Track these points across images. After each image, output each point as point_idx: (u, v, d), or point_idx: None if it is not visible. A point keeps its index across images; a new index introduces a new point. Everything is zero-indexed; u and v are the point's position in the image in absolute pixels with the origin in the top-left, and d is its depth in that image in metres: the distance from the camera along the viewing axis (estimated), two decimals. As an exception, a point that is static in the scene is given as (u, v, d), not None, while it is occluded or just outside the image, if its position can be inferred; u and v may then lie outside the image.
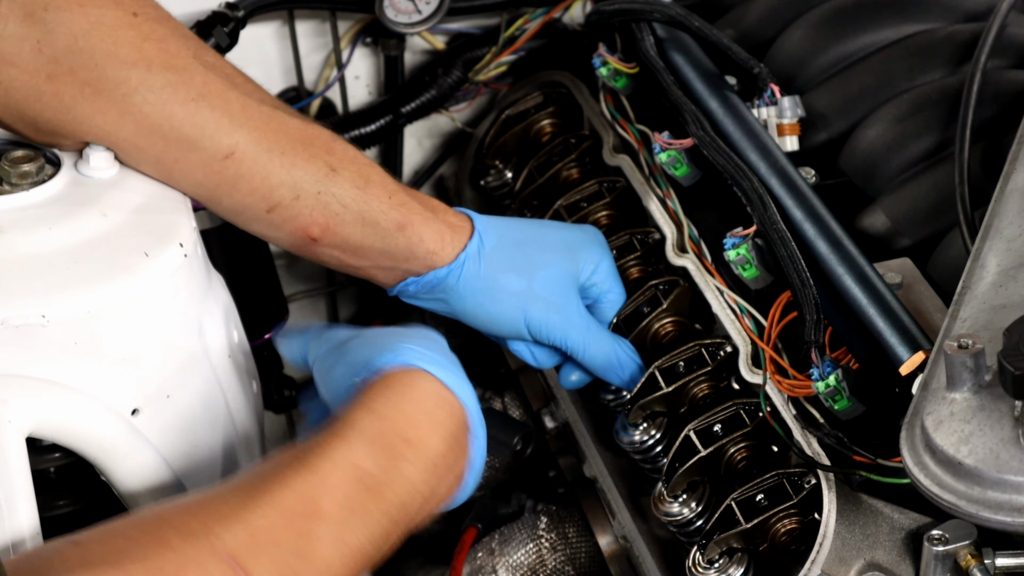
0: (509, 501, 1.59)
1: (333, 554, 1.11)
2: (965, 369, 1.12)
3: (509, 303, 1.45)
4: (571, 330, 1.46)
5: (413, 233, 1.43)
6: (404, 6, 1.82)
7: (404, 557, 1.72)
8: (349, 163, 1.42)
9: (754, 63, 1.57)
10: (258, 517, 1.09)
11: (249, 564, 1.06)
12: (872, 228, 1.47)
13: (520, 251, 1.46)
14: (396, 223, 1.42)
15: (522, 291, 1.45)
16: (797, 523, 1.31)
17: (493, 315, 1.46)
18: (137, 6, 1.36)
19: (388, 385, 1.22)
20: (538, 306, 1.46)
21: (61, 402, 1.25)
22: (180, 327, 1.32)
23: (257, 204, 1.40)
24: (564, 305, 1.47)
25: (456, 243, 1.45)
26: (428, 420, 1.22)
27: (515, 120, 1.80)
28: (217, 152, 1.37)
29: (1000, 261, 1.25)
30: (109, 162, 1.36)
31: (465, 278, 1.45)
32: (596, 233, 1.53)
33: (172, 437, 1.32)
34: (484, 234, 1.46)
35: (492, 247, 1.46)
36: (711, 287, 1.46)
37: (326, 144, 1.42)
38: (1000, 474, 1.08)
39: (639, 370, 1.47)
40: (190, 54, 1.37)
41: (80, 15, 1.33)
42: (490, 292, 1.45)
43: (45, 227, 1.28)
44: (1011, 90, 1.51)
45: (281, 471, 1.13)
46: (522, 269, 1.46)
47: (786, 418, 1.33)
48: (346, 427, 1.18)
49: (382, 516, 1.15)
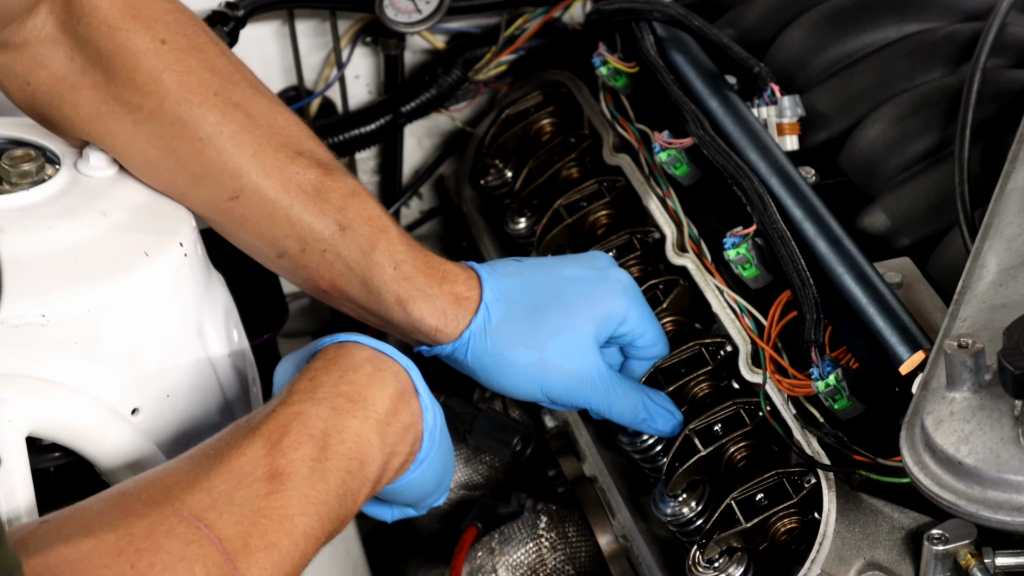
0: (509, 501, 1.59)
1: (294, 509, 1.13)
2: (965, 368, 1.12)
3: (522, 376, 1.39)
4: (592, 394, 1.40)
5: (415, 309, 1.38)
6: (404, 5, 1.82)
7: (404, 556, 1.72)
8: (361, 224, 1.38)
9: (754, 62, 1.57)
10: (217, 482, 1.12)
11: (213, 522, 1.09)
12: (872, 228, 1.47)
13: (531, 321, 1.39)
14: (397, 298, 1.38)
15: (534, 363, 1.39)
16: (797, 522, 1.31)
17: (507, 387, 1.41)
18: (168, 34, 1.35)
19: (324, 356, 1.24)
20: (553, 376, 1.39)
21: (61, 402, 1.25)
22: (180, 327, 1.32)
23: (266, 248, 1.40)
24: (581, 370, 1.39)
25: (461, 320, 1.39)
26: (368, 379, 1.22)
27: (515, 119, 1.79)
28: (223, 192, 1.36)
29: (1000, 260, 1.25)
30: (109, 162, 1.36)
31: (473, 354, 1.40)
32: (622, 280, 1.43)
33: (172, 437, 1.32)
34: (492, 306, 1.39)
35: (500, 319, 1.39)
36: (711, 286, 1.45)
37: (341, 200, 1.38)
38: (1000, 473, 1.09)
39: (671, 418, 1.42)
40: (211, 90, 1.35)
41: (108, 36, 1.33)
42: (500, 368, 1.40)
43: (45, 227, 1.28)
44: (1011, 90, 1.51)
45: (232, 440, 1.16)
46: (532, 341, 1.39)
47: (786, 417, 1.33)
48: (289, 394, 1.20)
49: (339, 471, 1.17)
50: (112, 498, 1.13)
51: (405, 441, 1.24)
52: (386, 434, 1.22)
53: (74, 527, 1.08)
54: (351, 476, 1.18)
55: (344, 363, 1.23)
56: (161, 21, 1.35)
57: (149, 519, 1.08)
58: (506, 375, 1.40)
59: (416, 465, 1.26)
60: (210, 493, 1.11)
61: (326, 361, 1.23)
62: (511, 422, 1.54)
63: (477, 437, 1.59)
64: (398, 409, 1.23)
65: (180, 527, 1.08)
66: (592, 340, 1.40)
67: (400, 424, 1.23)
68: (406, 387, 1.25)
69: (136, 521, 1.08)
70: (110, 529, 1.07)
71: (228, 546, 1.09)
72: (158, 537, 1.07)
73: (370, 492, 1.21)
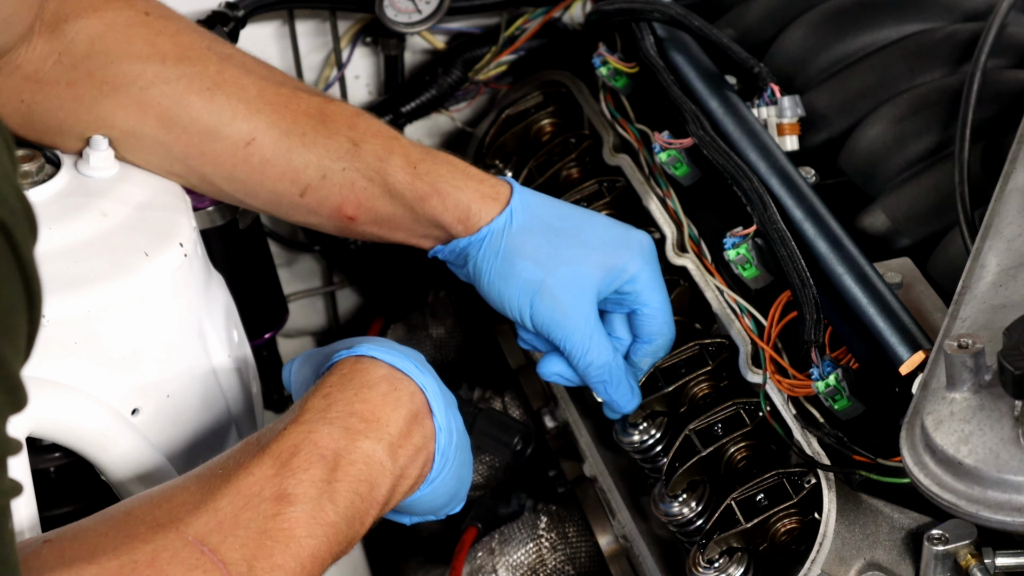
0: (509, 501, 1.59)
1: (302, 532, 1.12)
2: (965, 369, 1.12)
3: (519, 288, 1.41)
4: (571, 333, 1.42)
5: (438, 203, 1.41)
6: (404, 6, 1.82)
7: (404, 557, 1.72)
8: (372, 136, 1.42)
9: (754, 62, 1.58)
10: (223, 504, 1.11)
11: (218, 546, 1.08)
12: (872, 228, 1.47)
13: (547, 240, 1.42)
14: (420, 193, 1.41)
15: (535, 280, 1.41)
16: (797, 523, 1.31)
17: (502, 295, 1.43)
18: (149, 6, 1.39)
19: (340, 371, 1.23)
20: (547, 301, 1.41)
21: (61, 402, 1.25)
22: (180, 327, 1.32)
23: (289, 189, 1.41)
24: (572, 307, 1.41)
25: (484, 215, 1.42)
26: (383, 399, 1.21)
27: (515, 120, 1.80)
28: (239, 139, 1.39)
29: (1000, 261, 1.25)
30: (109, 162, 1.36)
31: (484, 252, 1.42)
32: (643, 242, 1.44)
33: (172, 437, 1.32)
34: (516, 212, 1.42)
35: (519, 227, 1.42)
36: (711, 287, 1.45)
37: (348, 119, 1.42)
38: (1000, 474, 1.09)
39: (629, 395, 1.43)
40: (204, 45, 1.40)
41: (96, 19, 1.36)
42: (503, 273, 1.42)
43: (45, 227, 1.27)
44: (1011, 90, 1.51)
45: (242, 459, 1.15)
46: (542, 259, 1.41)
47: (786, 418, 1.33)
48: (301, 412, 1.19)
49: (348, 492, 1.16)
50: (117, 519, 1.11)
51: (416, 463, 1.23)
52: (397, 456, 1.21)
53: (77, 551, 1.07)
54: (360, 498, 1.17)
55: (360, 380, 1.22)
56: None
57: (153, 544, 1.07)
58: (506, 282, 1.42)
59: (426, 485, 1.25)
60: (216, 514, 1.10)
61: (341, 377, 1.22)
62: (511, 422, 1.54)
63: (477, 437, 1.59)
64: (411, 431, 1.22)
65: (184, 552, 1.07)
66: (594, 284, 1.41)
67: (412, 446, 1.22)
68: (420, 408, 1.24)
69: (140, 547, 1.07)
70: (113, 555, 1.06)
71: (233, 569, 1.07)
72: (162, 564, 1.06)
73: (379, 513, 1.20)
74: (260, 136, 1.39)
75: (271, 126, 1.39)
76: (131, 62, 1.36)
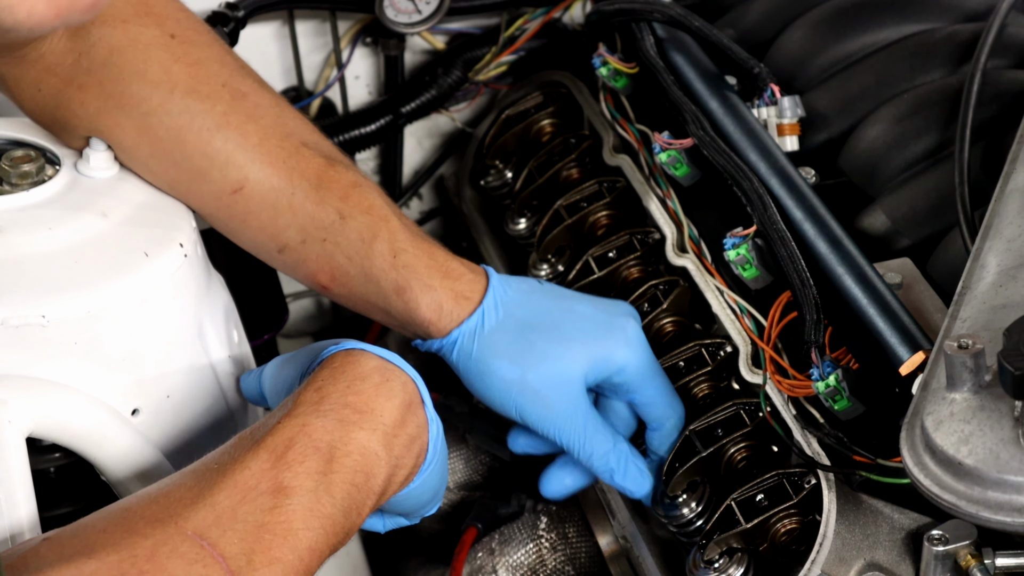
0: (509, 501, 1.59)
1: (299, 525, 1.12)
2: (965, 369, 1.12)
3: (499, 389, 1.39)
4: (565, 428, 1.39)
5: (411, 299, 1.39)
6: (404, 6, 1.82)
7: (404, 557, 1.72)
8: (362, 213, 1.39)
9: (754, 63, 1.58)
10: (221, 498, 1.11)
11: (217, 540, 1.08)
12: (872, 228, 1.47)
13: (523, 337, 1.39)
14: (395, 286, 1.39)
15: (514, 380, 1.38)
16: (797, 523, 1.31)
17: (484, 395, 1.41)
18: (178, 28, 1.37)
19: (331, 364, 1.23)
20: (530, 398, 1.38)
21: (61, 402, 1.25)
22: (180, 327, 1.32)
23: (268, 243, 1.40)
24: (559, 402, 1.38)
25: (455, 317, 1.39)
26: (376, 390, 1.21)
27: (515, 120, 1.80)
28: (226, 186, 1.37)
29: (1000, 261, 1.25)
30: (109, 162, 1.36)
31: (459, 355, 1.39)
32: (626, 329, 1.41)
33: (172, 437, 1.33)
34: (488, 312, 1.39)
35: (492, 328, 1.39)
36: (711, 287, 1.46)
37: (343, 189, 1.39)
38: (1000, 474, 1.09)
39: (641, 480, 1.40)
40: (219, 82, 1.37)
41: (120, 31, 1.34)
42: (481, 375, 1.39)
43: (45, 227, 1.28)
44: (1011, 90, 1.51)
45: (236, 453, 1.15)
46: (518, 358, 1.38)
47: (786, 418, 1.33)
48: (294, 405, 1.19)
49: (344, 484, 1.16)
50: (115, 515, 1.11)
51: (411, 453, 1.23)
52: (392, 446, 1.21)
53: (76, 546, 1.07)
54: (357, 489, 1.17)
55: (351, 372, 1.22)
56: (172, 18, 1.37)
57: (152, 539, 1.07)
58: (485, 384, 1.40)
59: (419, 475, 1.25)
60: (214, 509, 1.10)
61: (332, 370, 1.22)
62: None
63: (477, 437, 1.59)
64: (405, 420, 1.22)
65: (184, 546, 1.07)
66: (579, 375, 1.39)
67: (407, 435, 1.22)
68: (413, 398, 1.24)
69: (139, 541, 1.07)
70: (112, 550, 1.06)
71: (232, 563, 1.08)
72: (161, 558, 1.06)
73: (375, 504, 1.20)
74: (248, 188, 1.37)
75: (262, 181, 1.37)
76: (141, 84, 1.34)
